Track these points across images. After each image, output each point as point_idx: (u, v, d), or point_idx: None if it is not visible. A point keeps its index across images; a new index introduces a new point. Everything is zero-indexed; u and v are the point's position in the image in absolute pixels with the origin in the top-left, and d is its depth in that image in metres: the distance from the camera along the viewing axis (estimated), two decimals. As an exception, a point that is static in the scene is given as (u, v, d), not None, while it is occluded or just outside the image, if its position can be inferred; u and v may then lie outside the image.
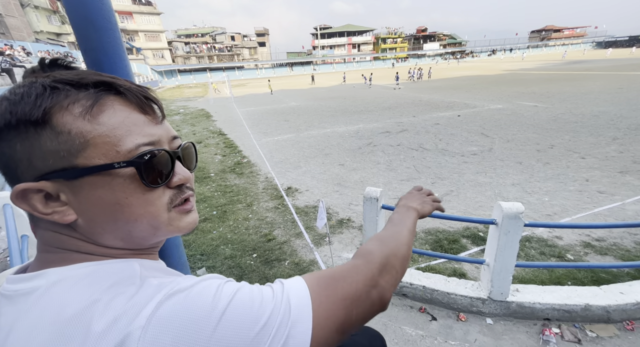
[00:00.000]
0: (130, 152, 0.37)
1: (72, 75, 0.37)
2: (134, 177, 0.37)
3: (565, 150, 6.24)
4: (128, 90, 0.38)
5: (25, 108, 0.33)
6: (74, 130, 0.34)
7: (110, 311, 0.31)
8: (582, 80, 18.13)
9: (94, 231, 0.38)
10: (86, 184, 0.35)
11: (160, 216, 0.40)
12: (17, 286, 0.36)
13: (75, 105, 0.35)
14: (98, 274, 0.35)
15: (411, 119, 10.32)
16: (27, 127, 0.34)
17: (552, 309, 1.83)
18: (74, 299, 0.32)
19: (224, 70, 51.40)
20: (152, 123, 0.40)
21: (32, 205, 0.36)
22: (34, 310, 0.32)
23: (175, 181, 0.41)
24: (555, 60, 44.04)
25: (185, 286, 0.34)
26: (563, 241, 3.35)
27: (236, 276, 2.97)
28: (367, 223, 2.10)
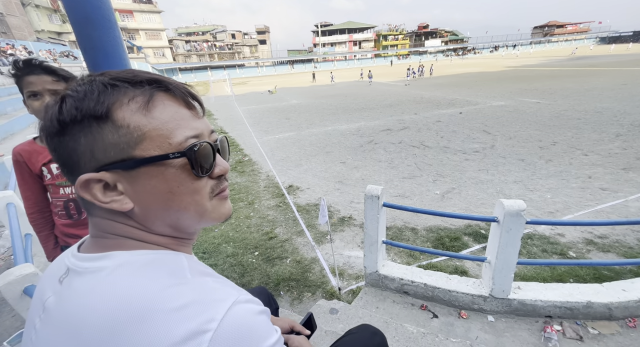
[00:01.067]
0: (181, 144, 0.40)
1: (126, 74, 0.40)
2: (184, 168, 0.41)
3: (568, 147, 6.20)
4: (176, 88, 0.42)
5: (90, 104, 0.37)
6: (132, 124, 0.38)
7: (181, 297, 0.35)
8: (586, 76, 17.98)
9: (148, 217, 0.42)
10: (142, 174, 0.39)
11: (205, 204, 0.44)
12: (86, 263, 0.40)
13: (134, 101, 0.38)
14: (156, 262, 0.40)
15: (413, 116, 10.28)
16: (91, 121, 0.37)
17: (553, 306, 1.83)
18: (141, 282, 0.36)
19: (225, 68, 51.32)
20: (195, 118, 0.43)
21: (93, 194, 0.39)
22: (102, 285, 0.36)
23: (217, 171, 0.45)
24: (560, 56, 43.63)
25: (247, 298, 0.39)
26: (565, 238, 3.34)
27: (238, 274, 2.98)
28: (368, 221, 2.10)
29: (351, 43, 70.52)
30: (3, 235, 3.65)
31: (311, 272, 2.99)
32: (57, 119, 0.37)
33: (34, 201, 1.34)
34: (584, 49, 57.40)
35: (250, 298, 0.40)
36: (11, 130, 8.97)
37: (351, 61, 63.22)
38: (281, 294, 2.70)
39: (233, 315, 0.35)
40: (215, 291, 0.38)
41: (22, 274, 1.40)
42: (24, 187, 1.31)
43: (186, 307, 0.34)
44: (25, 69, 1.13)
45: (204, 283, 0.39)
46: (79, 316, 0.35)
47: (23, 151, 1.27)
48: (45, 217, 1.37)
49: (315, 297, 2.62)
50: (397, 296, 2.22)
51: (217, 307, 0.35)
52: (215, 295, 0.37)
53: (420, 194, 4.65)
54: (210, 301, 0.36)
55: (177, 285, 0.37)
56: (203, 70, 50.81)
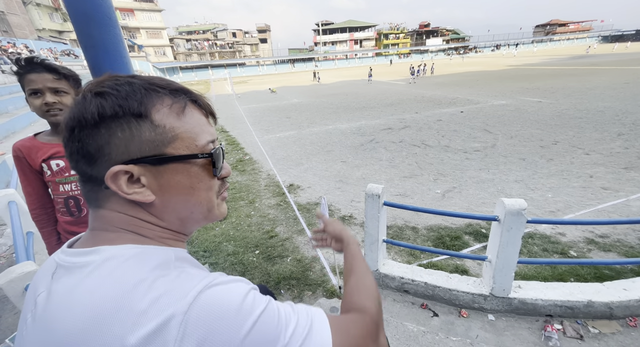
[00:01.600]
0: (204, 146, 0.46)
1: (160, 81, 0.46)
2: (205, 167, 0.47)
3: (570, 146, 6.18)
4: (199, 99, 0.49)
5: (133, 104, 0.41)
6: (168, 125, 0.43)
7: (154, 291, 0.35)
8: (587, 75, 17.90)
9: (165, 209, 0.46)
10: (169, 170, 0.43)
11: (214, 201, 0.49)
12: (74, 258, 0.42)
13: (172, 106, 0.44)
14: (142, 255, 0.41)
15: (413, 115, 10.26)
16: (130, 118, 0.41)
17: (554, 305, 1.83)
18: (123, 276, 0.37)
19: (226, 67, 51.29)
20: (211, 125, 0.50)
21: (119, 185, 0.41)
22: (87, 282, 0.38)
23: (223, 173, 0.51)
24: (563, 55, 43.42)
25: (224, 280, 0.40)
26: (566, 237, 3.34)
27: (239, 273, 2.99)
28: (368, 220, 2.10)
29: (352, 42, 70.37)
30: (5, 233, 3.66)
31: (312, 271, 2.99)
32: (97, 112, 0.40)
33: (36, 197, 1.33)
34: (583, 48, 57.17)
35: (232, 279, 0.40)
36: (12, 129, 8.99)
37: (352, 60, 63.09)
38: (282, 293, 2.70)
39: (204, 297, 0.36)
40: (192, 277, 0.38)
41: (23, 271, 1.40)
42: (25, 183, 1.30)
43: (158, 298, 0.35)
44: (27, 67, 1.15)
45: (182, 272, 0.39)
46: (62, 312, 0.37)
47: (23, 147, 1.27)
48: (47, 214, 1.37)
49: (316, 296, 2.62)
50: (397, 294, 2.22)
51: (191, 291, 0.36)
52: (190, 281, 0.37)
53: (421, 193, 4.65)
54: (184, 287, 0.36)
55: (156, 277, 0.37)
56: (204, 69, 50.81)
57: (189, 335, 0.33)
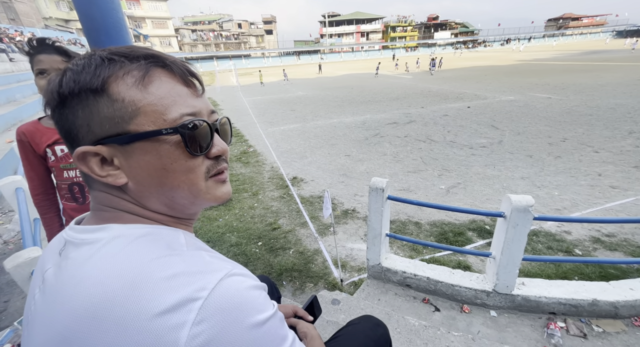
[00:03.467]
0: (175, 120, 0.40)
1: (125, 49, 0.41)
2: (179, 145, 0.41)
3: (578, 143, 6.07)
4: (173, 64, 0.42)
5: (86, 77, 0.37)
6: (127, 99, 0.38)
7: (171, 267, 0.35)
8: (600, 71, 17.46)
9: (142, 194, 0.42)
10: (137, 149, 0.39)
11: (199, 184, 0.43)
12: (83, 235, 0.41)
13: (129, 75, 0.39)
14: (152, 235, 0.40)
15: (419, 110, 10.13)
16: (88, 95, 0.38)
17: (558, 303, 1.81)
18: (136, 252, 0.37)
19: (231, 58, 50.96)
20: (193, 96, 0.43)
21: (90, 167, 0.40)
22: (97, 256, 0.37)
23: (214, 151, 0.45)
24: (575, 50, 42.31)
25: (241, 272, 0.39)
26: (572, 235, 3.30)
27: (241, 263, 2.99)
28: (372, 214, 2.08)
29: (359, 34, 69.26)
30: (13, 219, 3.72)
31: (314, 263, 3.01)
32: (57, 91, 0.38)
33: (38, 182, 1.32)
34: (597, 43, 55.55)
35: (245, 272, 0.40)
36: (20, 117, 9.07)
37: (358, 53, 62.22)
38: (284, 284, 2.72)
39: (225, 285, 0.35)
40: (208, 263, 0.38)
41: (30, 256, 1.42)
42: (28, 168, 1.29)
43: (177, 276, 0.34)
44: (38, 47, 1.14)
45: (198, 256, 0.39)
46: (73, 284, 0.36)
47: (27, 131, 1.25)
48: (50, 199, 1.35)
49: (318, 288, 2.64)
50: (399, 288, 2.22)
51: (209, 278, 0.35)
52: (209, 267, 0.37)
53: (425, 189, 4.61)
54: (202, 272, 0.36)
55: (170, 256, 0.37)
56: (209, 60, 50.51)
57: (206, 320, 0.33)
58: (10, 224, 3.66)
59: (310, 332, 0.70)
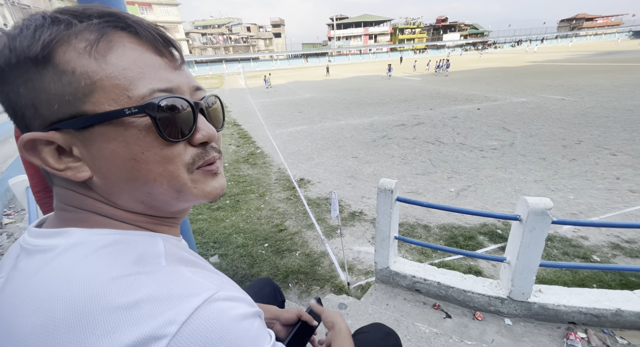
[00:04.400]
0: (144, 98, 0.31)
1: (76, 6, 0.32)
2: (150, 129, 0.32)
3: (594, 146, 5.87)
4: (139, 25, 0.33)
5: (23, 43, 0.29)
6: (78, 70, 0.29)
7: (133, 292, 0.27)
8: (616, 72, 16.97)
9: (111, 190, 0.34)
10: (98, 136, 0.31)
11: (181, 176, 0.35)
12: (37, 240, 0.34)
13: (78, 39, 0.30)
14: (121, 244, 0.32)
15: (428, 111, 10.00)
16: (28, 65, 0.29)
17: (578, 312, 1.72)
18: (92, 269, 0.29)
19: (240, 61, 51.57)
20: (169, 67, 0.34)
21: (43, 159, 0.32)
22: (46, 270, 0.30)
23: (199, 137, 0.36)
24: (587, 51, 41.36)
25: (226, 296, 0.31)
26: (589, 241, 3.16)
27: (247, 265, 2.98)
28: (380, 216, 2.03)
29: (367, 36, 69.28)
30: (25, 218, 3.79)
31: (320, 266, 2.96)
32: None
33: (38, 180, 1.29)
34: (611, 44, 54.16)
35: (234, 296, 0.32)
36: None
37: (366, 55, 62.18)
38: (289, 287, 2.68)
39: (202, 316, 0.28)
40: (186, 284, 0.30)
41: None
42: (27, 165, 1.26)
43: (140, 304, 0.27)
44: None
45: (175, 273, 0.31)
46: (13, 307, 0.29)
47: None
48: (51, 197, 1.33)
49: (324, 291, 2.59)
50: (408, 293, 2.15)
51: (182, 306, 0.28)
52: (184, 289, 0.29)
53: (434, 191, 4.52)
54: (173, 297, 0.28)
55: (137, 274, 0.29)
56: (218, 63, 51.25)
57: None
58: (22, 222, 3.73)
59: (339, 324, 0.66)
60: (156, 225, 0.39)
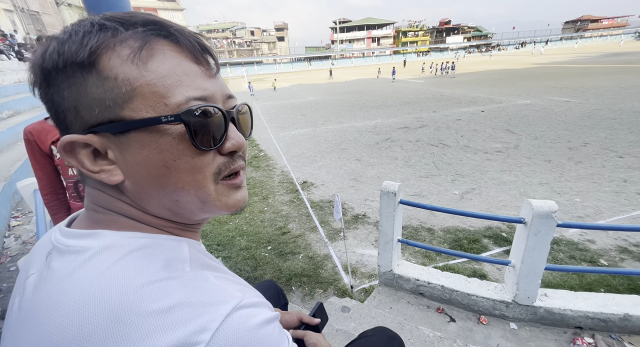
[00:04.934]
0: (180, 106, 0.32)
1: (123, 13, 0.34)
2: (183, 137, 0.33)
3: (601, 148, 5.80)
4: (180, 33, 0.34)
5: (72, 48, 0.30)
6: (120, 76, 0.30)
7: (166, 298, 0.28)
8: (622, 73, 16.80)
9: (141, 195, 0.35)
10: (133, 141, 0.32)
11: (208, 187, 0.36)
12: (69, 241, 0.34)
13: (123, 46, 0.31)
14: (150, 248, 0.33)
15: (431, 114, 9.99)
16: (74, 70, 0.30)
17: (585, 317, 1.69)
18: (124, 273, 0.30)
19: (243, 65, 52.01)
20: (205, 76, 0.35)
21: (79, 160, 0.33)
22: (80, 272, 0.30)
23: (228, 146, 0.36)
24: (592, 52, 41.01)
25: (251, 302, 0.33)
26: (596, 245, 3.12)
27: (251, 267, 2.99)
28: (383, 218, 2.03)
29: (369, 40, 69.51)
30: (32, 220, 3.84)
31: (323, 268, 2.95)
32: (39, 66, 0.31)
33: (47, 182, 1.31)
34: (615, 45, 53.57)
35: (256, 301, 0.34)
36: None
37: (369, 58, 62.34)
38: (292, 289, 2.68)
39: (232, 324, 0.29)
40: (213, 290, 0.31)
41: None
42: (36, 168, 1.28)
43: (173, 309, 0.28)
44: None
45: (201, 279, 0.32)
46: (48, 308, 0.29)
47: (33, 130, 1.25)
48: (59, 199, 1.34)
49: (327, 294, 2.58)
50: (412, 297, 2.14)
51: (213, 313, 0.29)
52: (213, 296, 0.31)
53: (437, 194, 4.50)
54: (204, 304, 0.29)
55: (167, 279, 0.30)
56: (222, 67, 51.68)
57: None
58: (30, 225, 3.78)
59: (321, 344, 0.65)
60: (181, 230, 0.40)
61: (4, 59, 10.49)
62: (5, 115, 7.59)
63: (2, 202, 3.75)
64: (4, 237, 3.48)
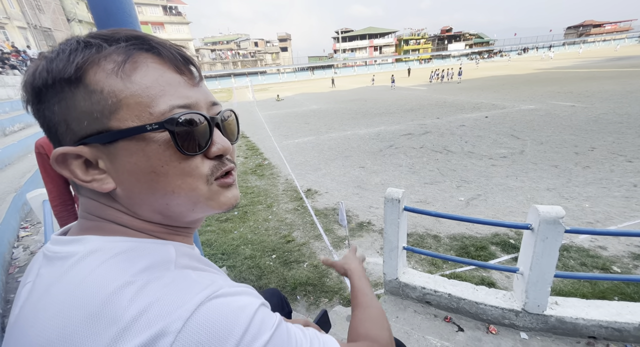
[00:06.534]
0: (164, 114, 0.34)
1: (107, 31, 0.36)
2: (169, 144, 0.34)
3: (609, 153, 5.72)
4: (162, 46, 0.36)
5: (59, 65, 0.32)
6: (106, 89, 0.32)
7: (142, 298, 0.29)
8: (627, 77, 16.69)
9: (133, 201, 0.37)
10: (121, 150, 0.34)
11: (199, 189, 0.37)
12: (57, 247, 0.36)
13: (107, 60, 0.33)
14: (134, 252, 0.35)
15: (435, 120, 9.99)
16: (63, 86, 0.32)
17: (598, 326, 1.64)
18: (105, 276, 0.31)
19: (247, 75, 52.91)
20: (188, 85, 0.37)
21: (72, 171, 0.35)
22: (66, 277, 0.32)
23: (214, 150, 0.38)
24: (596, 57, 40.90)
25: (229, 291, 0.33)
26: (608, 251, 3.04)
27: (255, 276, 2.97)
28: (388, 225, 2.01)
29: (372, 48, 70.38)
30: (40, 231, 3.90)
31: (328, 277, 2.92)
32: (30, 84, 0.33)
33: (57, 194, 1.35)
34: (621, 49, 53.29)
35: (238, 290, 0.34)
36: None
37: (371, 66, 62.99)
38: (298, 299, 2.65)
39: (206, 310, 0.29)
40: (192, 285, 0.32)
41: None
42: (46, 180, 1.32)
43: (149, 308, 0.29)
44: None
45: (182, 276, 0.33)
46: (35, 311, 0.31)
47: (44, 143, 1.29)
48: (68, 211, 1.38)
49: (333, 303, 2.55)
50: (418, 305, 2.10)
51: (187, 303, 0.29)
52: (190, 290, 0.31)
53: (443, 200, 4.46)
54: (180, 299, 0.30)
55: (147, 280, 0.31)
56: (227, 77, 52.67)
57: None
58: (38, 235, 3.83)
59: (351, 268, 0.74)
60: (171, 234, 0.41)
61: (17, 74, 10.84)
62: (17, 128, 7.80)
63: (12, 213, 3.81)
64: (12, 247, 3.53)
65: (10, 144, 6.07)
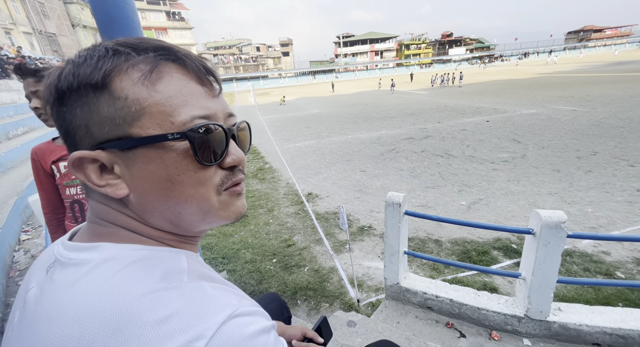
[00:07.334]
0: (185, 124, 0.34)
1: (134, 39, 0.37)
2: (187, 153, 0.35)
3: (611, 157, 5.70)
4: (187, 58, 0.37)
5: (87, 70, 0.33)
6: (130, 96, 0.33)
7: (164, 307, 0.29)
8: (629, 82, 16.69)
9: (145, 208, 0.37)
10: (139, 157, 0.34)
11: (211, 198, 0.38)
12: (71, 253, 0.36)
13: (135, 69, 0.34)
14: (149, 260, 0.35)
15: (436, 125, 10.00)
16: (87, 90, 0.33)
17: (602, 332, 1.62)
18: (125, 283, 0.31)
19: (249, 79, 53.30)
20: (208, 96, 0.38)
21: (87, 175, 0.35)
22: (81, 285, 0.32)
23: (229, 161, 0.39)
24: (597, 62, 40.98)
25: (249, 310, 0.34)
26: (611, 256, 3.01)
27: (256, 281, 2.96)
28: (389, 230, 2.00)
29: (373, 53, 70.85)
30: (41, 235, 3.90)
31: (329, 282, 2.90)
32: (55, 86, 0.34)
33: (47, 201, 1.32)
34: (625, 53, 53.38)
35: (253, 310, 0.34)
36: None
37: (373, 71, 63.33)
38: (298, 303, 2.63)
39: (226, 332, 0.30)
40: (209, 299, 0.32)
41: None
42: (39, 187, 1.30)
43: (170, 319, 0.29)
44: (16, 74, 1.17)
45: (198, 289, 0.33)
46: (49, 319, 0.31)
47: (39, 150, 1.27)
48: (58, 219, 1.34)
49: (333, 308, 2.53)
50: (419, 311, 2.08)
51: (208, 322, 0.29)
52: (209, 305, 0.31)
53: (444, 205, 4.44)
54: (200, 313, 0.30)
55: (165, 290, 0.31)
56: (229, 82, 53.04)
57: None
58: (39, 238, 3.83)
59: None
60: (179, 242, 0.41)
61: (22, 78, 10.92)
62: (20, 132, 7.86)
63: (13, 216, 3.82)
64: (13, 251, 3.53)
65: (13, 147, 6.11)
